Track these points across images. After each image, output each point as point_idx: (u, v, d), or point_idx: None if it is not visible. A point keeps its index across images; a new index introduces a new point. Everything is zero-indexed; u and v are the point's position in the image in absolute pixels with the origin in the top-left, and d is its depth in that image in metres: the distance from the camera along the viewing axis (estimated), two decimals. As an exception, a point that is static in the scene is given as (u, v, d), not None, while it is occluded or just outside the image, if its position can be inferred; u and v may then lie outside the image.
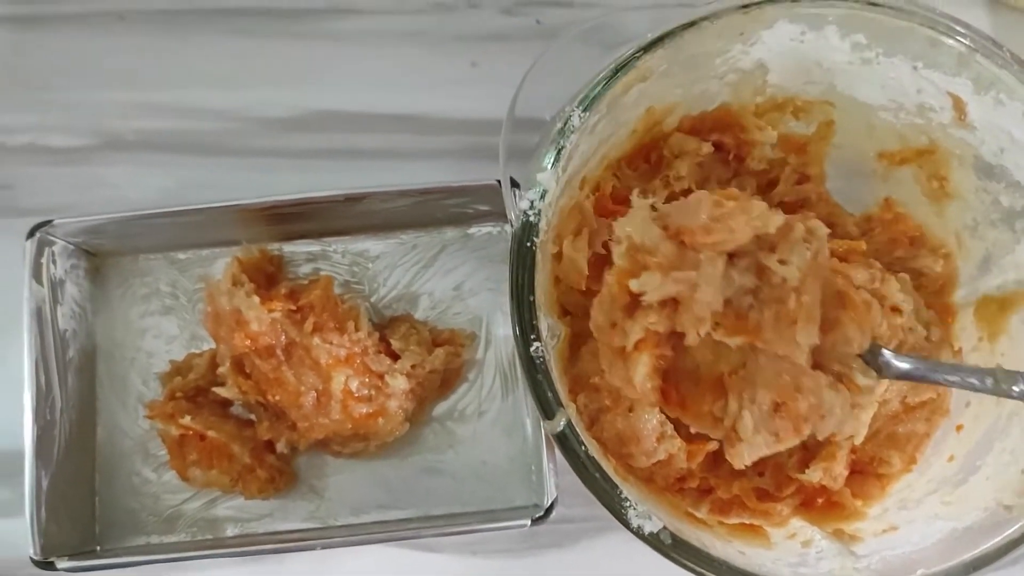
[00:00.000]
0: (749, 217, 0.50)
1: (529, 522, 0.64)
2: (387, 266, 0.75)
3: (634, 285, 0.51)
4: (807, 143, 0.68)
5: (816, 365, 0.52)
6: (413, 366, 0.68)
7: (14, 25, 0.79)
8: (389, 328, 0.71)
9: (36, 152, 0.77)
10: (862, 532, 0.60)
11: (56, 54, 0.79)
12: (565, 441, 0.52)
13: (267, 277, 0.72)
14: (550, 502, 0.64)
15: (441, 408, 0.73)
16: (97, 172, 0.77)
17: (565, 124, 0.55)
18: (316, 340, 0.66)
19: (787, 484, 0.63)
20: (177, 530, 0.70)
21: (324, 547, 0.65)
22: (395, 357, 0.69)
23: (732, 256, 0.51)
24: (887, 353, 0.54)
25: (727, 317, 0.51)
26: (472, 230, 0.75)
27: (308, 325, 0.67)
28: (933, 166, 0.65)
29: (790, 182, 0.68)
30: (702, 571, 0.52)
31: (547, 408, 0.53)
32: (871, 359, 0.54)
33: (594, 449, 0.53)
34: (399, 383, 0.67)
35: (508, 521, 0.66)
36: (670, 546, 0.52)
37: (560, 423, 0.52)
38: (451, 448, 0.72)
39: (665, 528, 0.52)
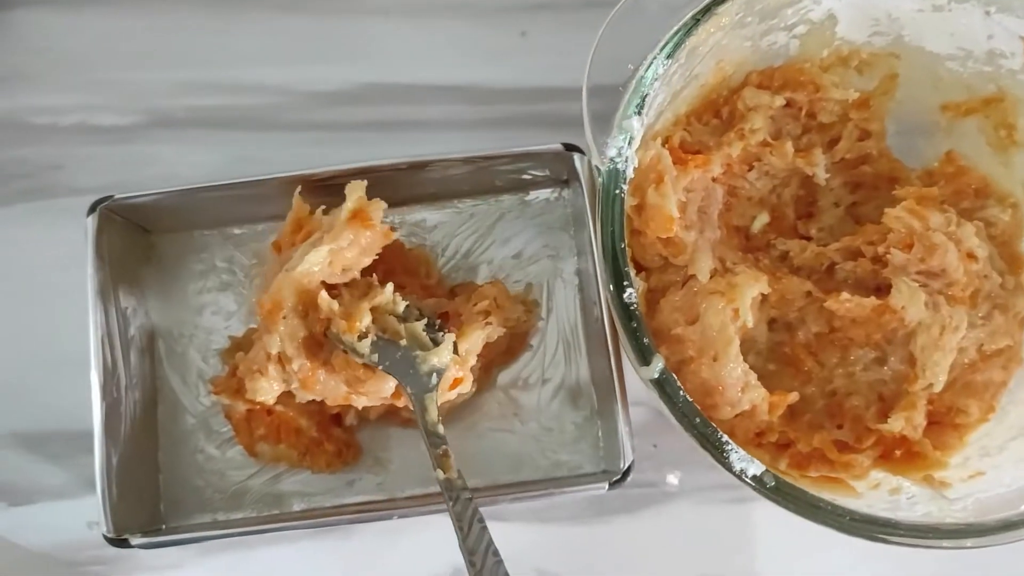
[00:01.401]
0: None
1: (607, 486, 0.63)
2: (445, 235, 0.74)
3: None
4: (869, 98, 0.68)
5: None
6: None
7: (60, 6, 0.78)
8: (456, 291, 0.71)
9: (85, 131, 0.76)
10: (949, 479, 0.60)
11: (102, 34, 0.78)
12: (663, 386, 0.52)
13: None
14: (627, 465, 0.63)
15: (504, 377, 0.72)
16: (147, 150, 0.76)
17: (648, 72, 0.55)
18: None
19: (867, 436, 0.63)
20: (243, 506, 0.69)
21: (401, 516, 0.64)
22: None
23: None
24: None
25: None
26: (529, 196, 0.75)
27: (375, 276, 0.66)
28: (1001, 115, 0.65)
29: (852, 138, 0.68)
30: (805, 513, 0.51)
31: (644, 354, 0.52)
32: None
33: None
34: None
35: (581, 486, 0.65)
36: (773, 488, 0.51)
37: (657, 368, 0.52)
38: (516, 416, 0.72)
39: (768, 470, 0.51)
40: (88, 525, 0.70)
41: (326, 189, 0.70)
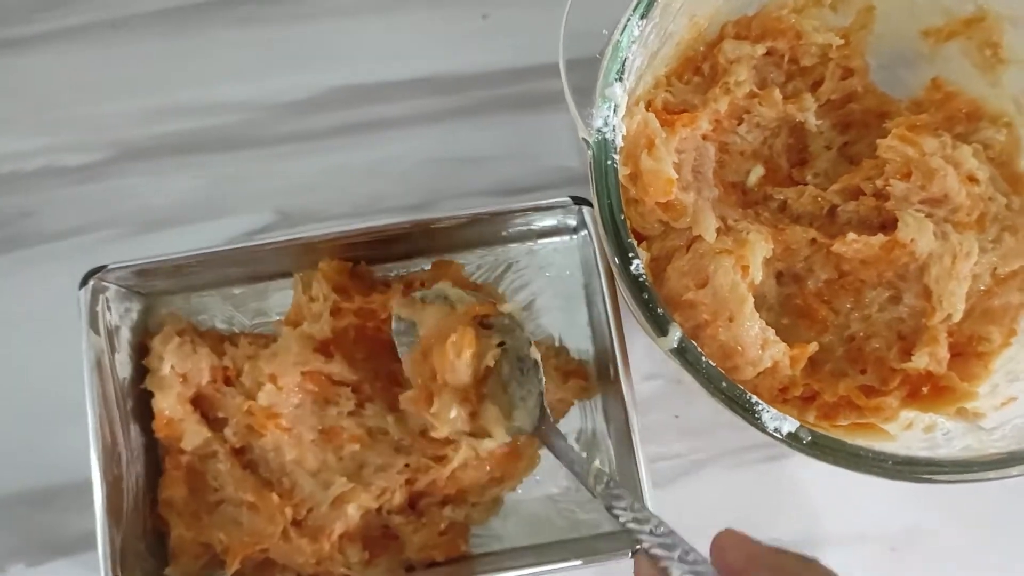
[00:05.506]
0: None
1: (630, 554, 0.60)
2: (453, 289, 0.71)
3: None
4: (847, 34, 0.66)
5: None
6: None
7: (7, 48, 0.76)
8: None
9: (52, 174, 0.74)
10: (981, 408, 0.58)
11: (57, 71, 0.76)
12: (684, 354, 0.50)
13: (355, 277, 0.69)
14: None
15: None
16: (118, 184, 0.74)
17: (624, 35, 0.54)
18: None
19: (891, 377, 0.61)
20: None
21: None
22: None
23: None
24: None
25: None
26: (537, 245, 0.72)
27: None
28: (984, 34, 0.63)
29: (835, 78, 0.67)
30: (846, 463, 0.50)
31: (660, 324, 0.51)
32: None
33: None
34: None
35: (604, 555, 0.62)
36: (810, 443, 0.50)
37: (675, 337, 0.50)
38: (531, 476, 0.69)
39: (802, 426, 0.50)
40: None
41: (327, 249, 0.67)
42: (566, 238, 0.72)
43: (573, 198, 0.63)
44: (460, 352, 0.58)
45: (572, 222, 0.68)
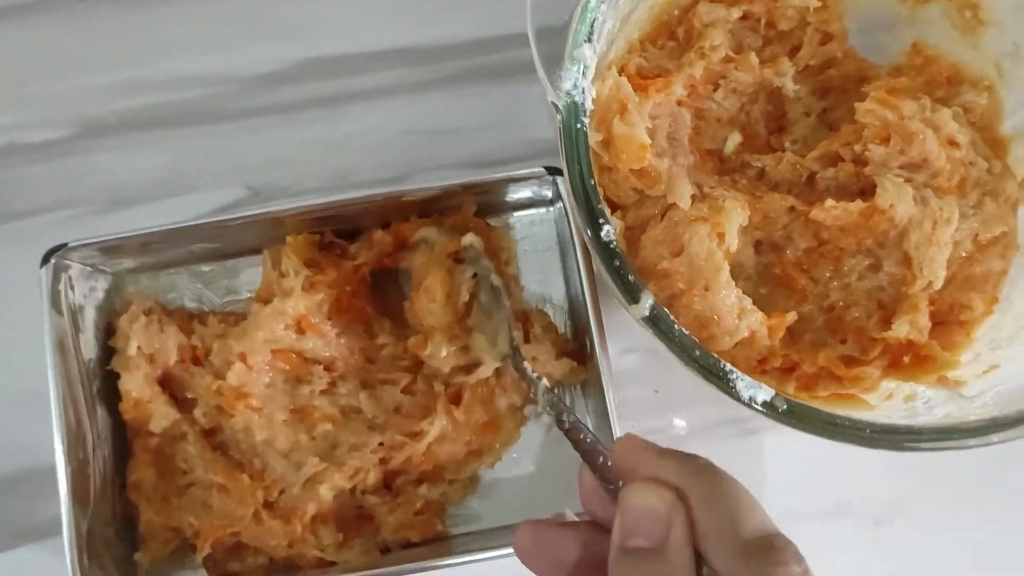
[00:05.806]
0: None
1: None
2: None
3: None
4: (824, -2, 0.65)
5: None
6: (535, 358, 0.64)
7: (-30, 23, 0.74)
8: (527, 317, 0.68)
9: (17, 152, 0.72)
10: (963, 377, 0.57)
11: (20, 47, 0.74)
12: (656, 322, 0.49)
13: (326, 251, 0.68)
14: None
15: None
16: (84, 161, 0.72)
17: (593, -6, 0.52)
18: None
19: (872, 346, 0.60)
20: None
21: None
22: None
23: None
24: None
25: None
26: (512, 218, 0.71)
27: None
28: (963, -6, 0.62)
29: (814, 43, 0.66)
30: (823, 432, 0.49)
31: (631, 291, 0.49)
32: None
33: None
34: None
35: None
36: (786, 412, 0.48)
37: (647, 305, 0.49)
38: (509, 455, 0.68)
39: (778, 395, 0.48)
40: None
41: (298, 223, 0.66)
42: (542, 210, 0.70)
43: (547, 168, 0.62)
44: (433, 298, 0.62)
45: (548, 194, 0.67)
